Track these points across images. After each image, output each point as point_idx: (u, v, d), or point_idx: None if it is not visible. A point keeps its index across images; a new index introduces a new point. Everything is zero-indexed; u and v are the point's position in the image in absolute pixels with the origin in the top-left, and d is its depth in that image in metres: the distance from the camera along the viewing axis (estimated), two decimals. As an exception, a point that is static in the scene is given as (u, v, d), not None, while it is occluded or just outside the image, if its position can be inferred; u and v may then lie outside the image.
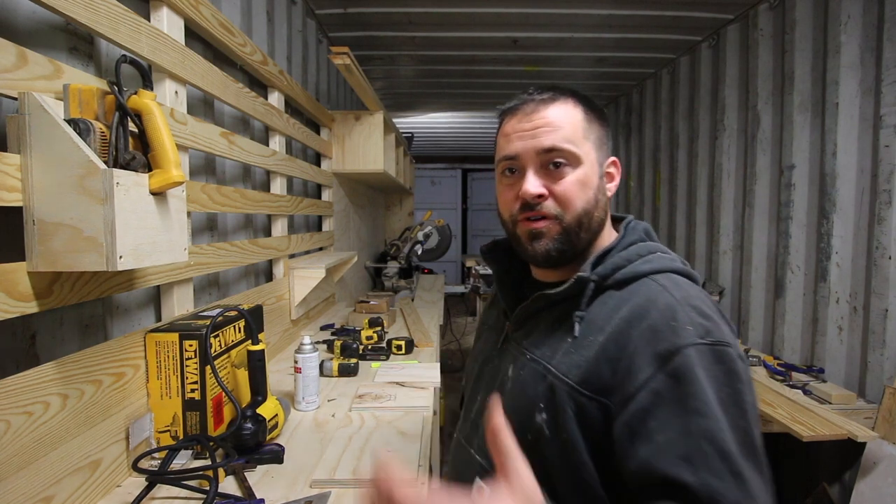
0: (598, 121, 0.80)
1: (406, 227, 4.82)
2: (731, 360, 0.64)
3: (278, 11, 2.32)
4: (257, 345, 1.19)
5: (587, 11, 2.95)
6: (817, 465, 2.31)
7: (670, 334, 0.65)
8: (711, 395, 0.61)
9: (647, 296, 0.71)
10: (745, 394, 0.63)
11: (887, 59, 2.05)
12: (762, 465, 0.61)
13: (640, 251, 0.77)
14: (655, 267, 0.74)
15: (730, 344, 0.66)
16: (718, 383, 0.63)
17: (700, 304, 0.69)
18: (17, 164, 0.79)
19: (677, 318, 0.67)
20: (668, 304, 0.68)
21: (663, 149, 3.99)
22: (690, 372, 0.62)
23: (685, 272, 0.76)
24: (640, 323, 0.68)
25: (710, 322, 0.67)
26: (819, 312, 2.37)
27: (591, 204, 0.77)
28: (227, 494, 0.96)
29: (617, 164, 0.83)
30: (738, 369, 0.64)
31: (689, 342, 0.64)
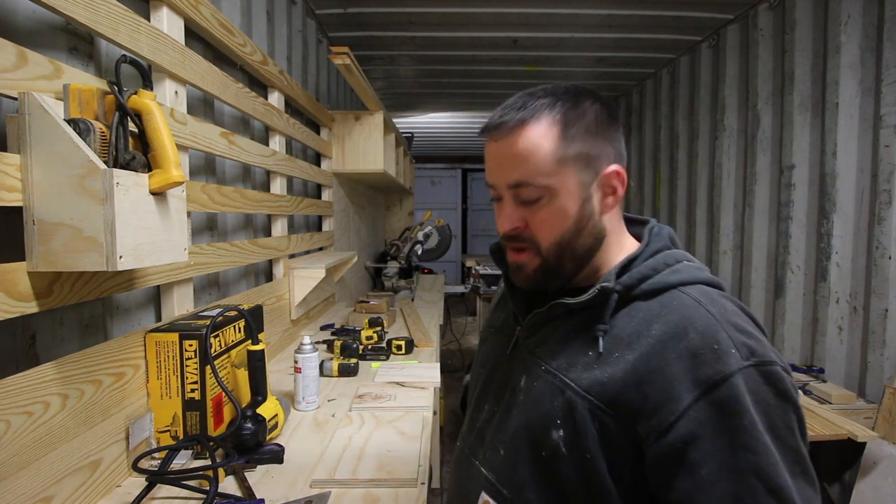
0: (584, 134, 0.69)
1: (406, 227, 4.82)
2: (779, 380, 0.60)
3: (278, 11, 2.32)
4: (257, 345, 1.19)
5: (587, 11, 2.95)
6: (817, 465, 2.30)
7: (713, 359, 0.60)
8: (761, 425, 0.58)
9: (683, 312, 0.65)
10: (795, 410, 0.61)
11: (887, 59, 2.05)
12: (812, 479, 0.60)
13: (667, 260, 0.70)
14: (685, 278, 0.69)
15: (775, 361, 0.61)
16: (768, 408, 0.59)
17: (739, 321, 0.64)
18: (17, 164, 0.79)
19: (719, 339, 0.61)
20: (707, 323, 0.63)
21: (663, 149, 4.00)
22: (738, 402, 0.58)
23: (715, 283, 0.70)
24: (676, 344, 0.62)
25: (753, 340, 0.62)
26: (819, 312, 2.37)
27: (570, 233, 0.70)
28: (227, 494, 0.96)
29: (619, 173, 0.71)
30: (788, 387, 0.61)
31: (736, 368, 0.59)
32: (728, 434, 0.57)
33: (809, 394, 2.14)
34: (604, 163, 0.71)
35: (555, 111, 0.69)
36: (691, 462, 0.58)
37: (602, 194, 0.71)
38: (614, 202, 0.72)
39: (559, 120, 0.68)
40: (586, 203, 0.70)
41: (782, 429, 0.59)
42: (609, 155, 0.71)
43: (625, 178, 0.71)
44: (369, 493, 1.00)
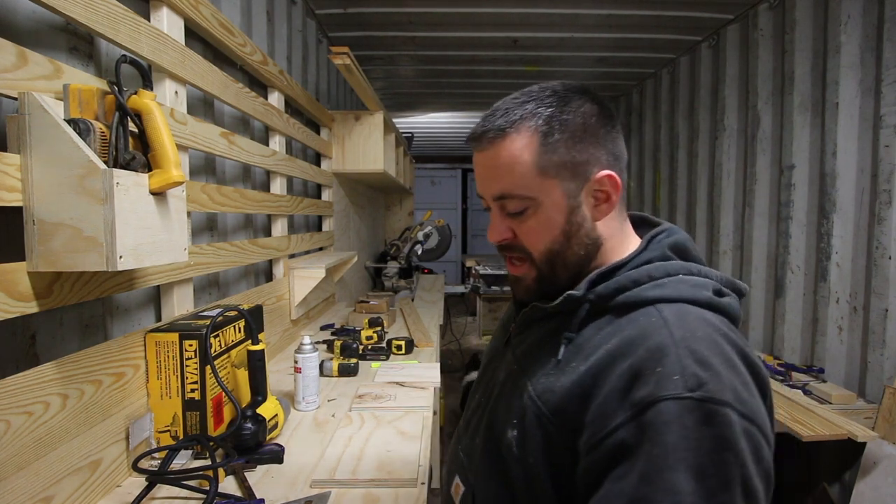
0: (568, 141, 0.66)
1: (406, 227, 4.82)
2: (722, 424, 0.52)
3: (278, 11, 2.32)
4: (257, 345, 1.19)
5: (587, 11, 2.95)
6: (817, 465, 2.31)
7: (652, 381, 0.55)
8: (678, 462, 0.52)
9: (643, 329, 0.60)
10: (735, 465, 0.52)
11: (887, 59, 2.05)
12: None
13: (653, 272, 0.65)
14: (666, 294, 0.63)
15: (727, 403, 0.53)
16: (698, 449, 0.52)
17: (702, 349, 0.57)
18: (17, 164, 0.79)
19: (665, 362, 0.56)
20: (660, 343, 0.58)
21: (663, 149, 4.00)
22: (657, 430, 0.53)
23: (709, 303, 0.63)
24: (623, 360, 0.59)
25: (709, 373, 0.55)
26: (819, 312, 2.37)
27: (559, 243, 0.68)
28: (227, 494, 0.96)
29: (612, 178, 0.67)
30: (733, 435, 0.52)
31: (670, 395, 0.54)
32: (640, 460, 0.53)
33: (809, 394, 2.14)
34: (594, 168, 0.67)
35: (536, 119, 0.66)
36: (606, 479, 0.56)
37: (594, 200, 0.69)
38: (608, 208, 0.69)
39: (540, 129, 0.66)
40: (575, 212, 0.68)
41: (712, 477, 0.51)
42: (600, 159, 0.68)
43: (618, 182, 0.68)
44: (369, 493, 1.00)
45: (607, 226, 0.70)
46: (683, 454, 0.52)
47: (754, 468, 0.53)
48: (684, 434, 0.52)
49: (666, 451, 0.52)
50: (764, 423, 0.56)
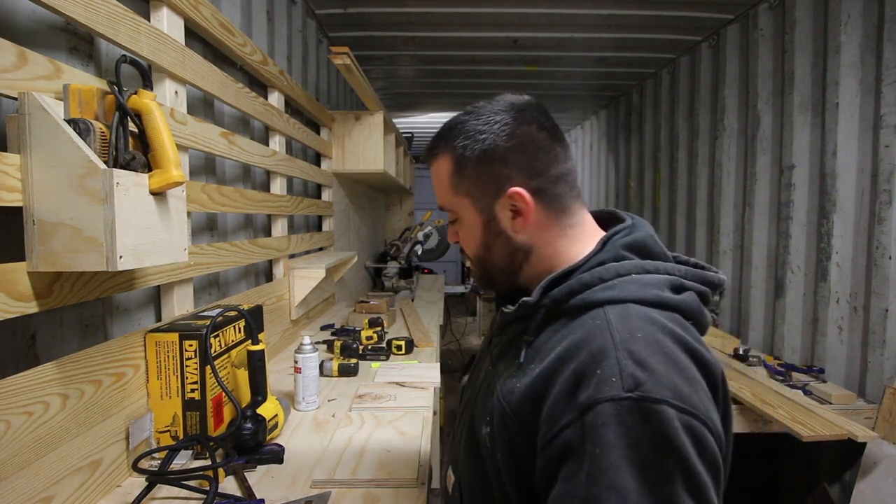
0: (476, 164, 0.72)
1: (406, 228, 4.82)
2: (660, 421, 0.54)
3: (278, 11, 2.32)
4: (257, 345, 1.19)
5: (587, 11, 2.95)
6: (817, 465, 2.31)
7: (591, 382, 0.58)
8: (621, 458, 0.54)
9: (588, 332, 0.62)
10: (679, 460, 0.54)
11: (887, 59, 2.05)
12: None
13: (603, 274, 0.67)
14: (614, 296, 0.65)
15: (665, 401, 0.55)
16: (637, 446, 0.54)
17: (641, 349, 0.58)
18: (17, 164, 0.79)
19: (604, 365, 0.58)
20: (602, 346, 0.60)
21: (663, 149, 4.00)
22: (597, 430, 0.55)
23: (658, 301, 0.64)
24: (570, 363, 0.61)
25: (647, 373, 0.56)
26: (819, 312, 2.37)
27: (480, 251, 0.76)
28: (227, 494, 0.96)
29: (519, 194, 0.70)
30: (671, 431, 0.54)
31: (609, 396, 0.56)
32: (582, 459, 0.56)
33: (809, 394, 2.14)
34: (505, 185, 0.71)
35: (452, 143, 0.74)
36: (556, 480, 0.58)
37: (511, 213, 0.72)
38: (524, 221, 0.72)
39: (456, 152, 0.73)
40: (490, 224, 0.74)
41: (653, 472, 0.53)
42: (511, 177, 0.71)
43: (526, 198, 0.71)
44: (369, 493, 1.00)
45: (534, 235, 0.74)
46: (625, 452, 0.54)
47: (697, 460, 0.55)
48: (624, 433, 0.55)
49: (607, 451, 0.54)
50: (708, 417, 0.57)
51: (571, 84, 4.54)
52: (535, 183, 0.72)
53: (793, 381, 2.26)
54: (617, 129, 5.04)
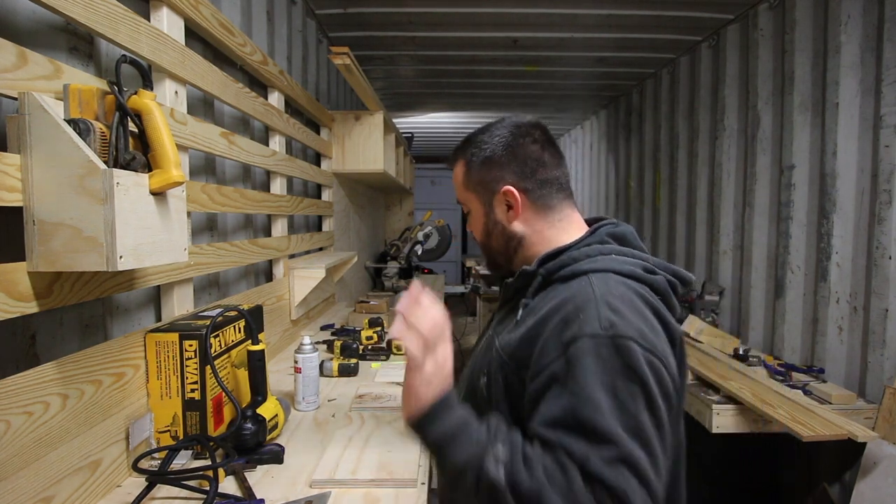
0: (480, 166, 0.92)
1: (406, 228, 4.82)
2: (628, 354, 0.70)
3: (278, 11, 2.32)
4: (257, 345, 1.19)
5: (587, 11, 2.95)
6: (817, 465, 2.31)
7: (575, 324, 0.74)
8: (597, 381, 0.69)
9: (574, 290, 0.79)
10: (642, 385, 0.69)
11: (887, 59, 2.05)
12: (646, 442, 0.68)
13: (589, 252, 0.84)
14: (597, 266, 0.81)
15: (632, 338, 0.71)
16: (613, 372, 0.70)
17: (615, 301, 0.75)
18: (18, 164, 0.79)
19: (587, 311, 0.74)
20: (584, 298, 0.76)
21: (663, 149, 4.00)
22: (581, 358, 0.71)
23: (632, 274, 0.81)
24: (558, 313, 0.77)
25: (619, 318, 0.72)
26: (819, 312, 2.37)
27: (484, 236, 0.96)
28: (227, 494, 0.96)
29: (509, 192, 0.90)
30: (636, 363, 0.70)
31: (588, 333, 0.72)
32: (566, 381, 0.71)
33: (809, 394, 2.14)
34: (500, 185, 0.91)
35: (464, 154, 0.95)
36: (541, 402, 0.73)
37: (506, 207, 0.92)
38: (515, 214, 0.91)
39: (465, 159, 0.95)
40: (490, 215, 0.94)
41: (623, 392, 0.69)
42: (505, 177, 0.91)
43: (516, 195, 0.90)
44: (369, 493, 1.00)
45: (526, 226, 0.92)
46: (600, 376, 0.70)
47: (656, 388, 0.71)
48: (599, 361, 0.70)
49: (586, 374, 0.70)
50: (665, 357, 0.74)
51: (571, 84, 4.54)
52: (525, 184, 0.90)
53: (793, 381, 2.26)
54: (617, 129, 5.04)
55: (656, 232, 4.13)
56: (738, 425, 2.03)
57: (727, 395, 2.08)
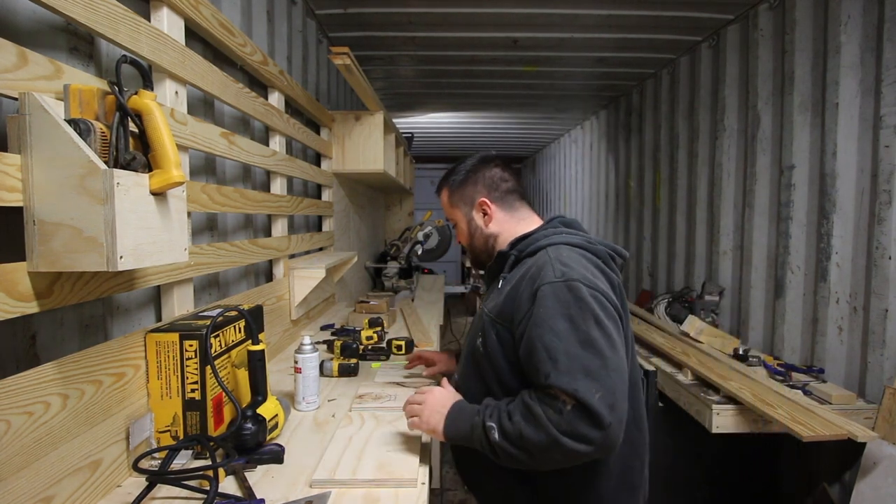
0: (459, 187, 1.28)
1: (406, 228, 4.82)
2: (577, 290, 0.98)
3: (278, 11, 2.32)
4: (257, 345, 1.19)
5: (587, 11, 2.95)
6: (817, 465, 2.31)
7: (539, 279, 1.02)
8: (556, 313, 0.96)
9: (537, 259, 1.08)
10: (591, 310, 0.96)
11: (887, 59, 2.05)
12: (599, 352, 0.92)
13: (546, 234, 1.14)
14: (551, 241, 1.11)
15: (579, 280, 0.99)
16: (568, 305, 0.96)
17: (565, 259, 1.04)
18: (18, 165, 0.79)
19: (545, 268, 1.03)
20: (543, 261, 1.05)
21: (663, 149, 4.00)
22: (543, 299, 0.99)
23: (580, 244, 1.10)
24: (527, 276, 1.06)
25: (567, 268, 1.01)
26: (819, 312, 2.37)
27: (468, 239, 1.29)
28: (228, 494, 0.96)
29: (484, 203, 1.25)
30: (584, 295, 0.97)
31: (547, 281, 1.00)
32: (535, 318, 0.99)
33: (809, 394, 2.14)
34: (476, 198, 1.26)
35: (446, 182, 1.31)
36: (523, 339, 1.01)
37: (482, 215, 1.26)
38: (489, 219, 1.25)
39: (448, 187, 1.31)
40: (471, 222, 1.28)
41: (577, 318, 0.95)
42: (479, 192, 1.25)
43: (486, 205, 1.24)
44: (369, 493, 1.00)
45: (497, 225, 1.25)
46: (557, 308, 0.97)
47: (601, 312, 0.97)
48: (556, 298, 0.98)
49: (548, 309, 0.98)
50: (605, 292, 1.00)
51: (571, 84, 4.54)
52: (493, 196, 1.25)
53: (793, 381, 2.26)
54: (617, 129, 5.04)
55: (656, 232, 4.13)
56: (738, 425, 2.03)
57: (727, 395, 2.08)
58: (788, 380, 2.28)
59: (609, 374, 0.90)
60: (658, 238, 4.10)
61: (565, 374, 0.90)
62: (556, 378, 0.91)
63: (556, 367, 0.91)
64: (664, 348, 2.64)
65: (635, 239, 4.57)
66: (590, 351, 0.92)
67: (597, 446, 0.89)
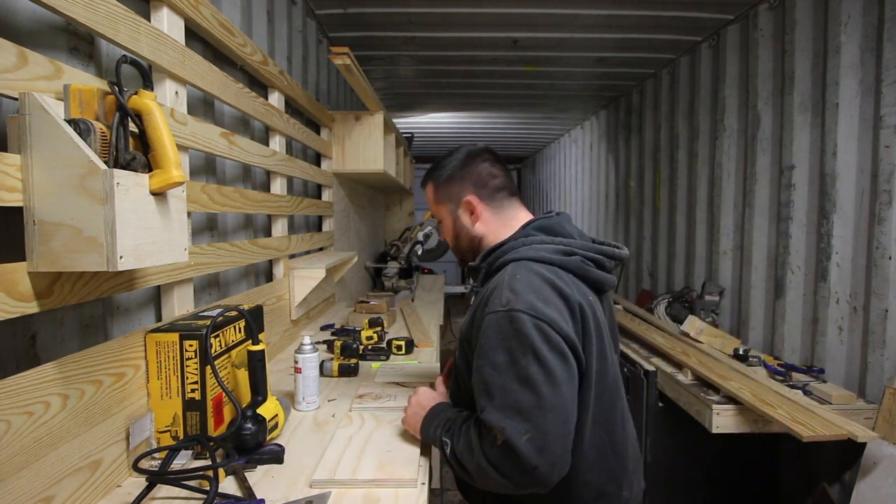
0: (444, 184, 1.22)
1: (406, 228, 4.82)
2: (518, 322, 0.93)
3: (278, 11, 2.32)
4: (257, 345, 1.19)
5: (587, 11, 2.95)
6: (817, 466, 2.31)
7: (489, 305, 0.99)
8: (496, 345, 0.94)
9: (496, 280, 1.04)
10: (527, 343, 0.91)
11: (887, 59, 2.05)
12: (533, 388, 0.90)
13: (514, 245, 1.08)
14: (516, 256, 1.05)
15: (522, 310, 0.93)
16: (507, 337, 0.93)
17: (517, 284, 0.98)
18: (18, 165, 0.79)
19: (496, 295, 0.99)
20: (498, 285, 1.01)
21: (663, 149, 3.99)
22: (487, 329, 0.97)
23: (545, 259, 1.03)
24: (484, 300, 1.03)
25: (514, 295, 0.96)
26: (819, 312, 2.37)
27: (454, 238, 1.24)
28: (228, 494, 0.96)
29: (469, 202, 1.18)
30: (524, 329, 0.92)
31: (491, 311, 0.97)
32: (479, 349, 0.98)
33: (809, 394, 2.14)
34: (462, 196, 1.19)
35: (431, 176, 1.24)
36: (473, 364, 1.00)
37: (468, 213, 1.19)
38: (476, 218, 1.18)
39: (433, 181, 1.24)
40: (457, 221, 1.21)
41: (517, 352, 0.92)
42: (464, 190, 1.19)
43: (473, 203, 1.18)
44: (369, 493, 1.00)
45: (483, 226, 1.19)
46: (498, 340, 0.95)
47: (543, 346, 0.91)
48: (498, 330, 0.95)
49: (489, 340, 0.96)
50: (553, 321, 0.93)
51: (571, 84, 4.54)
52: (482, 193, 1.18)
53: (793, 382, 2.26)
54: (617, 129, 5.04)
55: (656, 232, 4.13)
56: (738, 425, 2.03)
57: (727, 395, 2.08)
58: (788, 380, 2.28)
59: (544, 415, 0.87)
60: (658, 238, 4.10)
61: (498, 410, 0.90)
62: (489, 413, 0.91)
63: (491, 403, 0.92)
64: (664, 348, 2.64)
65: (635, 239, 4.57)
66: (526, 388, 0.89)
67: (522, 486, 0.90)
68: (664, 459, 2.45)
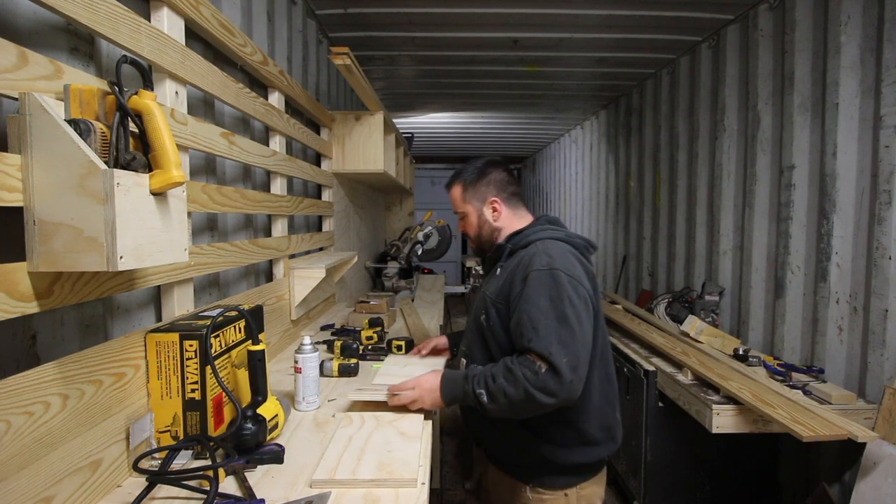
0: (473, 185, 1.50)
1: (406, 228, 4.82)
2: (557, 277, 1.25)
3: (278, 12, 2.32)
4: (257, 345, 1.19)
5: (587, 11, 2.95)
6: (817, 465, 2.31)
7: (529, 266, 1.29)
8: (540, 293, 1.24)
9: (527, 252, 1.35)
10: (564, 292, 1.23)
11: (887, 59, 2.05)
12: (571, 328, 1.21)
13: (534, 230, 1.41)
14: (540, 236, 1.37)
15: (560, 269, 1.26)
16: (549, 288, 1.24)
17: (551, 251, 1.30)
18: (18, 165, 0.79)
19: (534, 258, 1.30)
20: (534, 252, 1.32)
21: (663, 149, 4.00)
22: (532, 282, 1.26)
23: (563, 238, 1.37)
24: (520, 264, 1.33)
25: (551, 259, 1.28)
26: (819, 313, 2.37)
27: (476, 231, 1.52)
28: (228, 494, 0.96)
29: (494, 201, 1.49)
30: (563, 281, 1.24)
31: (535, 269, 1.28)
32: (524, 296, 1.26)
33: (809, 394, 2.14)
34: (488, 196, 1.49)
35: (460, 178, 1.52)
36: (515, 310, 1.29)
37: (492, 211, 1.49)
38: (498, 214, 1.49)
39: (461, 183, 1.52)
40: (481, 216, 1.51)
41: (556, 299, 1.23)
42: (489, 192, 1.49)
43: (496, 203, 1.48)
44: (369, 493, 1.00)
45: (503, 220, 1.50)
46: (542, 290, 1.25)
47: (575, 295, 1.24)
48: (541, 282, 1.26)
49: (534, 290, 1.26)
50: (580, 279, 1.28)
51: (571, 84, 4.54)
52: (502, 195, 1.50)
53: (793, 382, 2.26)
54: (617, 129, 5.04)
55: (656, 232, 4.13)
56: (738, 425, 2.03)
57: (727, 395, 2.08)
58: (788, 380, 2.28)
59: (576, 344, 1.20)
60: (658, 238, 4.10)
61: (544, 339, 1.19)
62: (535, 343, 1.20)
63: (537, 335, 1.21)
64: (664, 348, 2.64)
65: (635, 239, 4.57)
66: (564, 325, 1.20)
67: (559, 398, 1.18)
68: (664, 459, 2.45)
